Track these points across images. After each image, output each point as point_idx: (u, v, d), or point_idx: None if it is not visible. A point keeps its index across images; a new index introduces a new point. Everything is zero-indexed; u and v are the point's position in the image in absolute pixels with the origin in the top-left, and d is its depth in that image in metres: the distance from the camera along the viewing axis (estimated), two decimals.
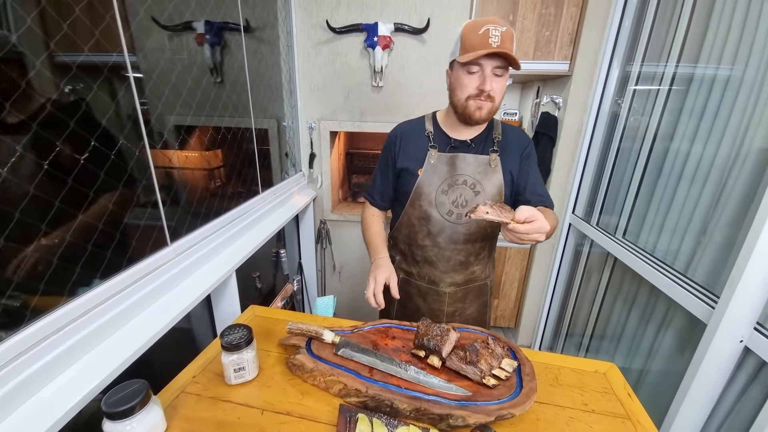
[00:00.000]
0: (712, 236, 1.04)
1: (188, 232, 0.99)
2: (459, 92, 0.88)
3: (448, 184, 0.94)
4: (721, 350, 0.87)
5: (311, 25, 1.68)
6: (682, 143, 1.19)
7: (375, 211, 1.11)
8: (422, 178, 0.95)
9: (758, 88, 0.91)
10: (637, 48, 1.44)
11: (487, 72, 0.82)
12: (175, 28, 1.16)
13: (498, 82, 0.84)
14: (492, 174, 0.94)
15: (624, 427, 0.66)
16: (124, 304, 0.75)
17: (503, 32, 0.79)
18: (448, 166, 0.95)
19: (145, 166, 0.87)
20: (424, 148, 0.96)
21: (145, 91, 0.94)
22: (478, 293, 1.08)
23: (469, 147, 0.95)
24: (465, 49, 0.82)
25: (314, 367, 0.69)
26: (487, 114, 0.87)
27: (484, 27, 0.79)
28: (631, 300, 1.38)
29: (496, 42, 0.78)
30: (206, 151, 1.33)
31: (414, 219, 0.99)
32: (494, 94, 0.85)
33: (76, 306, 0.66)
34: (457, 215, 0.95)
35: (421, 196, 0.96)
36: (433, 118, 1.01)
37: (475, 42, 0.80)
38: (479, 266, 1.04)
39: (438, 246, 0.99)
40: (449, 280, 1.03)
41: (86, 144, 0.72)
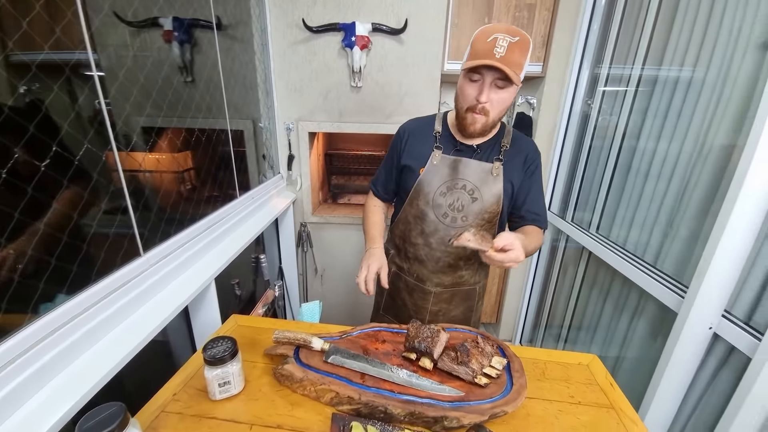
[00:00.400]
0: (678, 229, 1.10)
1: (162, 240, 0.94)
2: (461, 100, 0.87)
3: (447, 186, 0.94)
4: (691, 337, 0.92)
5: (286, 24, 1.64)
6: (648, 141, 1.26)
7: (377, 202, 1.13)
8: (423, 178, 0.95)
9: (719, 88, 0.98)
10: (606, 51, 1.50)
11: (487, 82, 0.80)
12: (140, 25, 1.10)
13: (497, 94, 0.82)
14: (492, 182, 0.93)
15: (608, 416, 0.68)
16: (94, 321, 0.70)
17: (512, 42, 0.76)
18: (449, 169, 0.94)
19: (110, 171, 0.81)
20: (430, 148, 0.96)
21: (108, 91, 0.88)
22: (465, 297, 1.08)
23: (474, 152, 0.94)
24: (471, 55, 0.80)
25: (304, 376, 0.67)
26: (481, 128, 0.87)
27: (493, 35, 0.77)
28: (606, 291, 1.44)
29: (500, 53, 0.75)
30: (177, 153, 1.27)
31: (410, 217, 1.00)
32: (490, 107, 0.83)
33: (41, 326, 0.60)
34: (452, 218, 0.95)
35: (420, 195, 0.96)
36: (444, 119, 1.00)
37: (480, 49, 0.78)
38: (468, 271, 1.05)
39: (429, 246, 0.99)
40: (436, 280, 1.03)
41: (46, 148, 0.67)
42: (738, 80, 0.92)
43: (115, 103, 0.91)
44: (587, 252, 1.57)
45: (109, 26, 0.93)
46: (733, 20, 0.93)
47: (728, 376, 0.89)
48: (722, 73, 0.97)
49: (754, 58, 0.88)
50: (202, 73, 1.30)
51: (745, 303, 0.86)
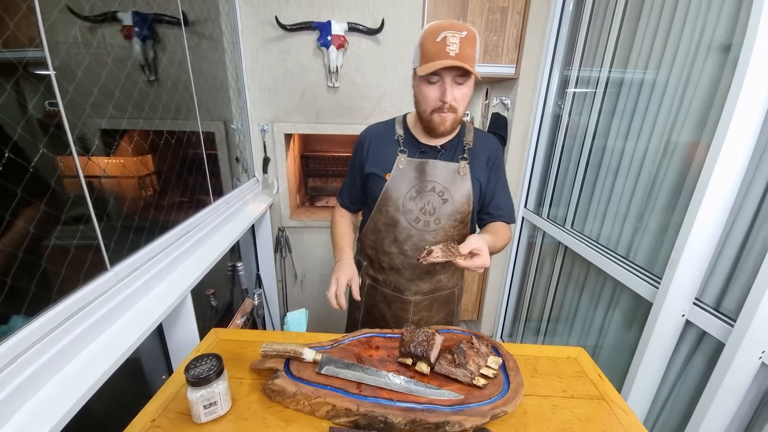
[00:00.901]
0: (647, 223, 1.16)
1: (131, 252, 0.86)
2: (423, 104, 0.85)
3: (417, 190, 0.92)
4: (666, 325, 0.97)
5: (258, 21, 1.57)
6: (617, 140, 1.32)
7: (344, 212, 1.10)
8: (390, 184, 0.92)
9: (682, 89, 1.04)
10: (575, 54, 1.57)
11: (448, 81, 0.79)
12: (97, 20, 1.01)
13: (460, 90, 0.81)
14: (461, 182, 0.92)
15: (600, 407, 0.70)
16: (56, 347, 0.62)
17: (462, 38, 0.75)
18: (417, 172, 0.92)
19: (62, 177, 0.73)
20: (394, 153, 0.93)
21: (64, 91, 0.80)
22: (445, 302, 1.06)
23: (439, 153, 0.93)
24: (423, 58, 0.79)
25: (297, 390, 0.64)
26: (450, 125, 0.85)
27: (441, 34, 0.75)
28: (582, 284, 1.50)
29: (454, 50, 0.74)
30: (136, 157, 1.16)
31: (381, 225, 0.97)
32: (456, 104, 0.82)
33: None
34: (425, 222, 0.93)
35: (389, 202, 0.93)
36: (404, 122, 0.97)
37: (432, 51, 0.76)
38: (446, 275, 1.03)
39: (404, 253, 0.96)
40: (415, 288, 1.00)
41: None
42: (700, 81, 0.98)
43: (69, 105, 0.83)
44: (563, 247, 1.62)
45: (60, 21, 0.84)
46: (695, 23, 0.99)
47: (700, 359, 0.95)
48: (685, 74, 1.03)
49: (715, 59, 0.95)
50: (167, 71, 1.21)
51: (714, 291, 0.92)
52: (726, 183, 0.85)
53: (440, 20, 0.80)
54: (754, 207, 0.85)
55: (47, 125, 0.73)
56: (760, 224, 0.84)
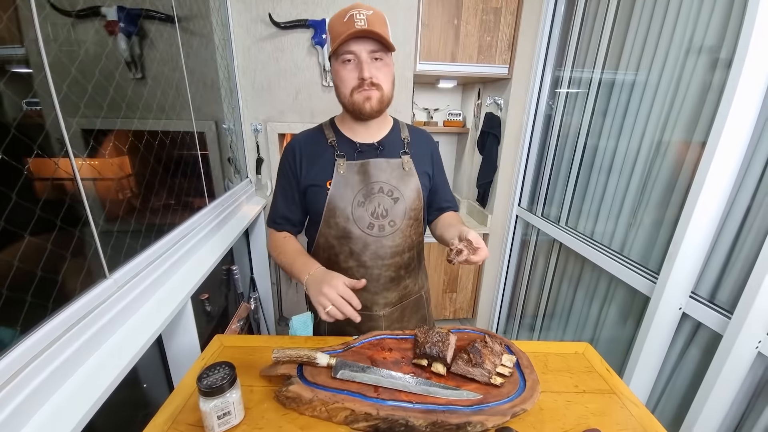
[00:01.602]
0: (641, 219, 1.20)
1: (128, 258, 0.82)
2: (342, 87, 0.80)
3: (364, 194, 0.85)
4: (664, 317, 1.01)
5: (250, 19, 1.54)
6: (609, 139, 1.36)
7: (285, 234, 0.94)
8: (333, 192, 0.84)
9: (673, 89, 1.07)
10: (566, 55, 1.60)
11: (363, 57, 0.76)
12: (78, 14, 0.96)
13: (379, 69, 0.78)
14: (408, 178, 0.88)
15: (612, 401, 0.72)
16: (57, 361, 0.59)
17: (369, 15, 0.74)
18: (360, 175, 0.85)
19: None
20: (330, 159, 0.86)
21: (36, 90, 0.75)
22: (415, 308, 1.00)
23: (378, 150, 0.87)
24: (333, 39, 0.77)
25: (313, 396, 0.62)
26: (377, 103, 0.80)
27: (348, 14, 0.74)
28: (576, 280, 1.53)
29: (362, 25, 0.73)
30: (116, 158, 1.09)
31: (332, 239, 0.88)
32: (378, 80, 0.78)
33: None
34: (379, 227, 0.86)
35: (336, 212, 0.85)
36: (332, 125, 0.91)
37: (341, 30, 0.74)
38: (411, 279, 0.96)
39: (364, 265, 0.88)
40: (383, 301, 0.92)
41: None
42: (691, 82, 1.02)
43: (46, 103, 0.78)
44: (558, 244, 1.66)
45: (41, 15, 0.80)
46: (686, 25, 1.03)
47: (696, 351, 0.98)
48: (675, 75, 1.07)
49: (704, 61, 0.98)
50: (154, 69, 1.17)
51: (709, 284, 0.96)
52: (721, 180, 0.89)
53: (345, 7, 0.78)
54: (747, 202, 0.89)
55: (27, 126, 0.69)
56: (753, 218, 0.88)
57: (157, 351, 0.97)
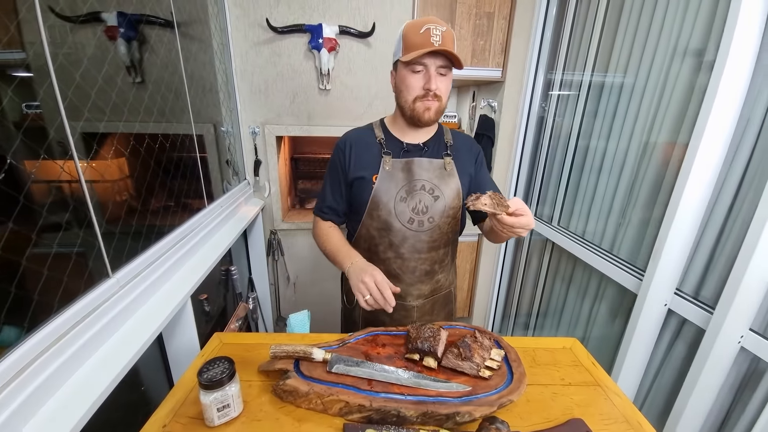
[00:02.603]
0: (630, 218, 1.23)
1: (130, 258, 0.85)
2: (406, 93, 0.86)
3: (406, 190, 0.90)
4: (650, 314, 1.04)
5: (248, 24, 1.57)
6: (599, 141, 1.39)
7: (329, 223, 1.01)
8: (378, 186, 0.90)
9: (660, 91, 1.11)
10: (558, 58, 1.64)
11: (432, 71, 0.81)
12: (78, 20, 0.98)
13: (443, 82, 0.84)
14: (449, 178, 0.93)
15: (596, 393, 0.75)
16: (61, 358, 0.61)
17: (444, 32, 0.79)
18: (404, 173, 0.91)
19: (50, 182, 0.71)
20: (378, 156, 0.92)
21: (39, 93, 0.78)
22: (444, 303, 1.05)
23: (423, 151, 0.93)
24: (407, 49, 0.81)
25: (309, 389, 0.65)
26: (435, 114, 0.87)
27: (425, 26, 0.79)
28: (569, 279, 1.57)
29: (437, 41, 0.78)
30: (111, 161, 1.10)
31: (373, 230, 0.93)
32: (440, 93, 0.84)
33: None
34: (419, 222, 0.91)
35: (379, 206, 0.90)
36: (382, 125, 0.97)
37: (417, 41, 0.79)
38: (443, 274, 1.01)
39: (401, 257, 0.93)
40: (416, 292, 0.97)
41: None
42: (677, 84, 1.05)
43: (46, 107, 0.80)
44: (551, 243, 1.69)
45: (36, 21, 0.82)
46: (672, 29, 1.06)
47: (682, 346, 1.01)
48: (662, 77, 1.10)
49: (690, 63, 1.02)
50: (153, 73, 1.19)
51: (694, 281, 0.99)
52: (703, 179, 0.92)
53: (423, 17, 0.84)
54: (729, 201, 0.92)
55: (29, 128, 0.71)
56: (734, 217, 0.91)
57: (157, 349, 0.99)
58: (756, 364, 0.87)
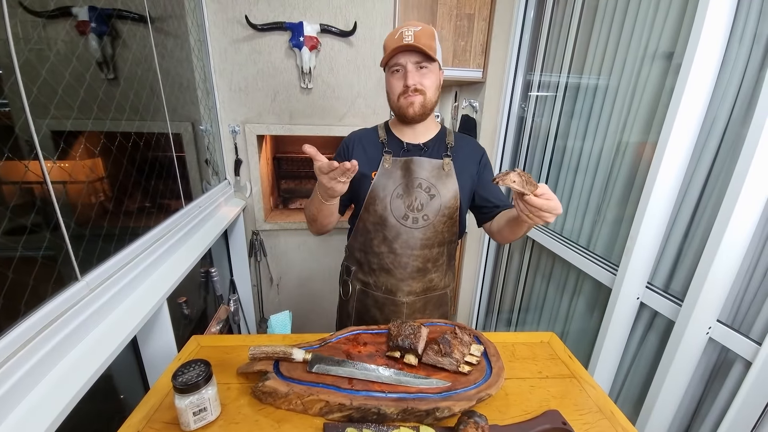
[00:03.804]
0: (604, 215, 1.27)
1: (101, 261, 0.82)
2: (391, 94, 0.92)
3: (404, 188, 0.93)
4: (624, 307, 1.07)
5: (226, 20, 1.54)
6: (576, 140, 1.43)
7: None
8: (377, 182, 0.94)
9: (631, 93, 1.15)
10: (536, 59, 1.67)
11: (409, 68, 0.86)
12: (48, 14, 0.94)
13: (424, 76, 0.87)
14: (446, 179, 0.94)
15: (572, 384, 0.77)
16: (27, 365, 0.58)
17: (417, 31, 0.84)
18: (402, 170, 0.94)
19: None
20: (379, 154, 0.96)
21: (4, 90, 0.74)
22: (438, 303, 1.05)
23: (422, 151, 0.96)
24: (385, 54, 0.88)
25: (289, 390, 0.64)
26: (420, 107, 0.89)
27: (399, 31, 0.85)
28: (548, 275, 1.60)
29: (409, 39, 0.83)
30: (84, 161, 1.06)
31: (369, 225, 0.97)
32: (422, 86, 0.87)
33: None
34: (413, 219, 0.94)
35: (376, 201, 0.94)
36: (386, 126, 1.01)
37: (392, 45, 0.86)
38: (437, 274, 1.02)
39: (394, 252, 0.96)
40: (407, 288, 0.99)
41: None
42: (647, 86, 1.09)
43: (14, 105, 0.77)
44: (531, 241, 1.72)
45: (10, 15, 0.78)
46: (642, 33, 1.10)
47: (654, 337, 1.06)
48: (633, 79, 1.14)
49: (659, 66, 1.06)
50: (127, 69, 1.15)
51: (663, 274, 1.03)
52: (670, 177, 0.96)
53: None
54: (695, 198, 0.97)
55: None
56: (701, 213, 0.95)
57: (132, 354, 0.96)
58: (725, 354, 0.91)
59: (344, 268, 1.08)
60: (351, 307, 1.06)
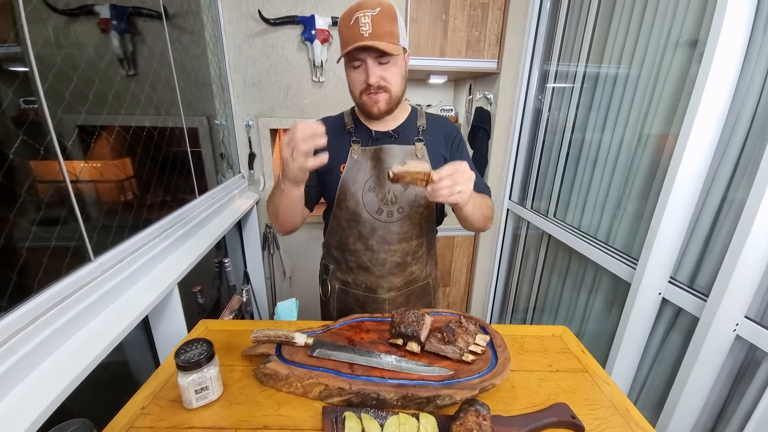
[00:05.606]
0: (625, 209, 1.21)
1: (114, 245, 0.85)
2: (352, 89, 0.84)
3: (375, 180, 0.87)
4: (644, 302, 1.02)
5: (240, 15, 1.56)
6: (594, 133, 1.37)
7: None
8: (346, 175, 0.87)
9: (653, 83, 1.09)
10: (553, 49, 1.62)
11: (369, 63, 0.76)
12: (72, 13, 0.98)
13: (387, 70, 0.78)
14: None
15: (584, 379, 0.73)
16: (42, 334, 0.61)
17: (374, 15, 0.73)
18: (372, 161, 0.87)
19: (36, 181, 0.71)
20: (346, 145, 0.88)
21: (36, 88, 0.77)
22: (421, 295, 1.02)
23: (392, 138, 0.89)
24: (342, 44, 0.78)
25: (289, 372, 0.64)
26: (385, 106, 0.82)
27: (354, 16, 0.74)
28: (565, 271, 1.55)
29: (366, 30, 0.73)
30: (115, 160, 1.10)
31: (343, 221, 0.91)
32: (385, 83, 0.79)
33: None
34: (387, 213, 0.88)
35: (347, 195, 0.88)
36: (352, 113, 0.93)
37: (347, 35, 0.75)
38: (418, 266, 0.97)
39: (371, 249, 0.91)
40: (387, 285, 0.94)
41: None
42: (669, 76, 1.03)
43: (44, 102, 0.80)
44: (547, 236, 1.67)
45: (36, 13, 0.82)
46: (664, 20, 1.04)
47: (677, 335, 1.00)
48: (655, 69, 1.08)
49: (682, 55, 1.00)
50: (147, 65, 1.19)
51: (688, 269, 0.97)
52: (694, 167, 0.90)
53: (352, 4, 0.77)
54: (723, 188, 0.90)
55: (23, 124, 0.71)
56: (728, 204, 0.89)
57: (145, 336, 0.99)
58: (753, 352, 0.85)
59: (323, 267, 1.03)
60: (332, 306, 1.02)
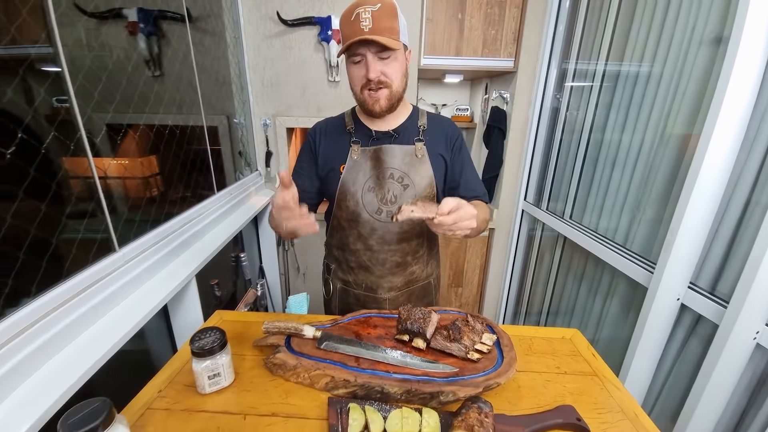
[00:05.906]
0: (644, 212, 1.18)
1: (137, 237, 0.89)
2: (352, 85, 0.84)
3: (375, 180, 0.87)
4: (661, 308, 0.99)
5: (260, 17, 1.61)
6: (614, 133, 1.33)
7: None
8: (345, 176, 0.87)
9: (676, 81, 1.05)
10: (572, 47, 1.58)
11: (369, 58, 0.76)
12: (102, 16, 1.04)
13: (387, 65, 0.78)
14: (420, 165, 0.88)
15: (593, 382, 0.72)
16: (69, 318, 0.66)
17: (375, 11, 0.73)
18: (372, 161, 0.87)
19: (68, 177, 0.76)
20: (346, 145, 0.89)
21: (68, 88, 0.82)
22: (422, 294, 1.01)
23: (393, 138, 0.89)
24: (343, 40, 0.79)
25: (297, 363, 0.66)
26: (386, 102, 0.81)
27: (355, 12, 0.74)
28: (581, 274, 1.51)
29: (367, 25, 0.73)
30: (142, 158, 1.16)
31: (343, 221, 0.92)
32: (385, 78, 0.79)
33: (11, 324, 0.56)
34: (387, 213, 0.88)
35: (347, 196, 0.88)
36: (353, 113, 0.93)
37: (348, 31, 0.76)
38: (418, 266, 0.97)
39: (370, 249, 0.91)
40: (387, 285, 0.94)
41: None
42: (693, 74, 0.99)
43: (76, 101, 0.85)
44: (563, 238, 1.64)
45: (66, 16, 0.87)
46: (688, 17, 1.01)
47: (696, 342, 0.96)
48: (678, 67, 1.04)
49: (706, 52, 0.96)
50: (171, 66, 1.25)
51: (709, 275, 0.94)
52: (716, 169, 0.87)
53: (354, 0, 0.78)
54: (747, 192, 0.87)
55: (55, 121, 0.76)
56: (752, 209, 0.85)
57: (164, 325, 1.04)
58: None
59: (325, 266, 1.04)
60: (334, 305, 1.03)
